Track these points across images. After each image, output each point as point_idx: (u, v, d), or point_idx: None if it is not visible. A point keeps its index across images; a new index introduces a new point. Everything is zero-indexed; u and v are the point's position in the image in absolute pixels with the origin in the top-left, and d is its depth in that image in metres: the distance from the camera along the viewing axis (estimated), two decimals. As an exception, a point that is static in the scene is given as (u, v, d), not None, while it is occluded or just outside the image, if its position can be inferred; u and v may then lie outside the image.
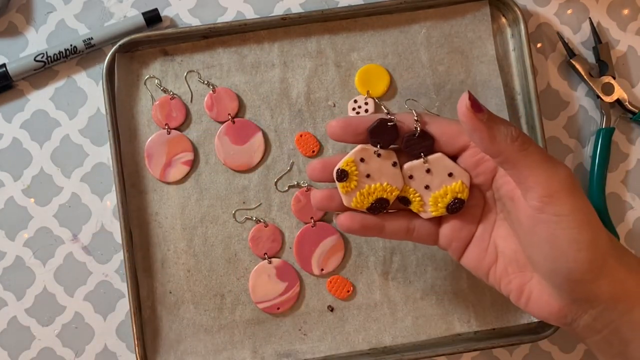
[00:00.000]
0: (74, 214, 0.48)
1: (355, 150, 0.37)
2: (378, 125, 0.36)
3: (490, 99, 0.47)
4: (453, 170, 0.37)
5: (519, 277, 0.36)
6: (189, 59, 0.47)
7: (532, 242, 0.35)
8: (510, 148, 0.33)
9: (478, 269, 0.38)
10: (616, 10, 0.49)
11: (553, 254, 0.33)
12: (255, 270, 0.46)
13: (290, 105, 0.47)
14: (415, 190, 0.37)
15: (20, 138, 0.48)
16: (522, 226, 0.35)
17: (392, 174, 0.37)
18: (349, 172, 0.37)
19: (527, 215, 0.34)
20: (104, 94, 0.46)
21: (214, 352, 0.46)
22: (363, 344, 0.47)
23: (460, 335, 0.47)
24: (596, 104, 0.49)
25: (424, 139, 0.36)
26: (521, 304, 0.37)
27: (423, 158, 0.37)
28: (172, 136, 0.47)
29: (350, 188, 0.37)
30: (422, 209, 0.38)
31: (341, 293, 0.47)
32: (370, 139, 0.37)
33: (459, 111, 0.33)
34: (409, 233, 0.38)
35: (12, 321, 0.47)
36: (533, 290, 0.36)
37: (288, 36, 0.48)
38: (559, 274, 0.34)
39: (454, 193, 0.37)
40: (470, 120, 0.33)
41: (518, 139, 0.33)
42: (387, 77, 0.47)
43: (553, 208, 0.32)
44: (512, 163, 0.33)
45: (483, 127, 0.33)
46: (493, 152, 0.33)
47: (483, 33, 0.48)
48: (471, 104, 0.32)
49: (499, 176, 0.36)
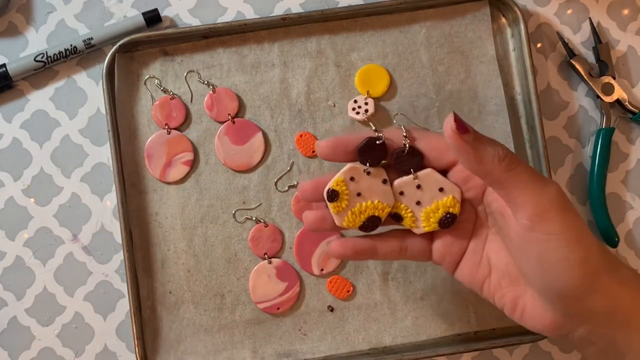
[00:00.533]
0: (74, 214, 0.48)
1: (345, 169, 0.37)
2: (366, 144, 0.36)
3: (490, 99, 0.47)
4: (444, 185, 0.36)
5: (513, 290, 0.36)
6: (189, 59, 0.47)
7: (523, 259, 0.35)
8: (497, 168, 0.32)
9: (472, 283, 0.38)
10: (616, 10, 0.49)
11: (544, 271, 0.33)
12: (255, 270, 0.46)
13: (290, 105, 0.47)
14: (406, 206, 0.37)
15: (20, 138, 0.48)
16: (513, 243, 0.35)
17: (382, 191, 0.37)
18: (340, 191, 0.37)
19: (518, 233, 0.33)
20: (104, 94, 0.46)
21: (214, 352, 0.46)
22: (363, 344, 0.47)
23: (460, 335, 0.47)
24: (596, 104, 0.49)
25: (413, 155, 0.36)
26: (515, 316, 0.36)
27: (413, 174, 0.36)
28: (172, 136, 0.47)
29: (342, 208, 0.37)
30: (415, 225, 0.37)
31: (341, 293, 0.47)
32: (359, 158, 0.36)
33: (445, 132, 0.33)
34: (402, 252, 0.38)
35: (12, 321, 0.47)
36: (527, 303, 0.36)
37: (288, 36, 0.48)
38: (551, 290, 0.34)
39: (446, 208, 0.36)
40: (456, 141, 0.32)
41: (505, 159, 0.32)
42: (387, 77, 0.47)
43: (543, 227, 0.32)
44: (500, 183, 0.33)
45: (469, 149, 0.32)
46: (480, 172, 0.33)
47: (483, 33, 0.48)
48: (457, 125, 0.32)
49: (489, 192, 0.36)
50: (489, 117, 0.47)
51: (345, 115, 0.47)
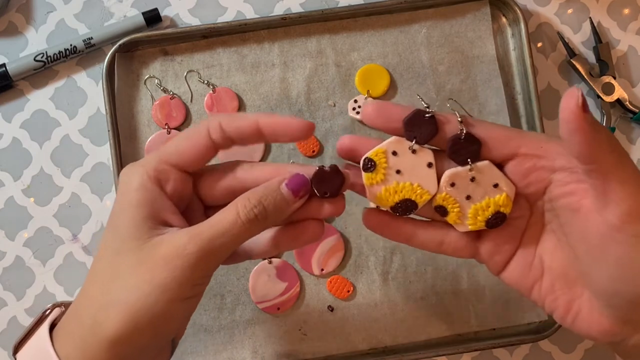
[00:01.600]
0: (74, 214, 0.48)
1: (389, 141, 0.33)
2: (414, 116, 0.32)
3: (490, 99, 0.47)
4: (499, 181, 0.33)
5: (568, 293, 0.34)
6: (189, 58, 0.47)
7: (597, 260, 0.32)
8: (609, 157, 0.29)
9: (520, 285, 0.35)
10: (616, 10, 0.49)
11: (621, 276, 0.31)
12: (255, 270, 0.46)
13: (290, 105, 0.47)
14: (455, 199, 0.33)
15: (20, 138, 0.48)
16: (587, 241, 0.32)
17: (425, 176, 0.33)
18: (377, 163, 0.33)
19: (598, 231, 0.31)
20: (104, 93, 0.46)
21: (214, 352, 0.46)
22: (363, 344, 0.47)
23: (460, 335, 0.47)
24: (596, 103, 0.49)
25: (471, 143, 0.32)
26: (567, 321, 0.34)
27: (470, 165, 0.32)
28: (172, 136, 0.47)
29: (376, 181, 0.33)
30: (460, 221, 0.34)
31: (341, 293, 0.47)
32: (405, 132, 0.32)
33: (566, 108, 0.29)
34: (440, 246, 0.35)
35: (12, 321, 0.47)
36: (582, 307, 0.34)
37: (288, 36, 0.48)
38: (622, 296, 0.31)
39: (497, 206, 0.33)
40: (578, 119, 0.28)
41: (616, 150, 0.30)
42: (387, 77, 0.47)
43: (633, 227, 0.30)
44: (604, 173, 0.30)
45: (588, 129, 0.29)
46: (589, 158, 0.30)
47: (483, 33, 0.48)
48: (582, 101, 0.28)
49: (555, 186, 0.33)
50: (489, 117, 0.47)
51: (345, 115, 0.47)
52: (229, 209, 0.31)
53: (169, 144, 0.33)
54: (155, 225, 0.32)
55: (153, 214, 0.32)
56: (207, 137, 0.33)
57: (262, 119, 0.33)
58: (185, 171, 0.33)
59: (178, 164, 0.33)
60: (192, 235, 0.31)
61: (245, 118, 0.33)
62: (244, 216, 0.31)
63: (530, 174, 0.33)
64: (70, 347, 0.32)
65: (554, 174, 0.33)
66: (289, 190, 0.32)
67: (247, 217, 0.31)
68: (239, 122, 0.33)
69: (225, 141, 0.34)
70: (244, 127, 0.33)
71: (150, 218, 0.32)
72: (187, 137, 0.33)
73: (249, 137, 0.34)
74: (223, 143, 0.34)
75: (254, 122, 0.33)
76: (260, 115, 0.33)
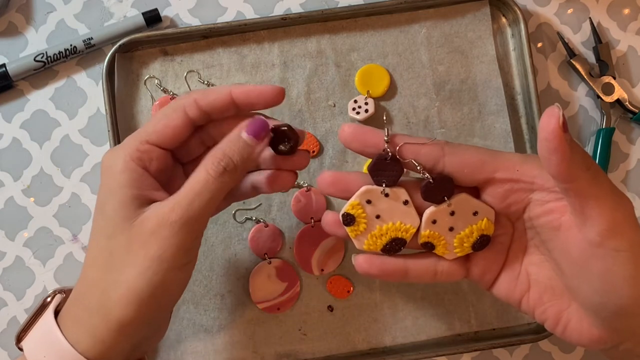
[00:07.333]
0: (74, 214, 0.48)
1: (359, 192, 0.34)
2: (376, 162, 0.33)
3: (490, 99, 0.47)
4: (477, 209, 0.34)
5: (556, 304, 0.35)
6: (189, 59, 0.47)
7: (580, 275, 0.33)
8: (585, 176, 0.30)
9: (510, 298, 0.36)
10: (616, 10, 0.49)
11: (605, 289, 0.32)
12: (255, 270, 0.46)
13: (290, 105, 0.47)
14: (439, 234, 0.35)
15: (20, 138, 0.48)
16: (570, 257, 0.33)
17: (404, 213, 0.34)
18: (356, 215, 0.34)
19: (579, 247, 0.32)
20: (104, 94, 0.46)
21: (214, 352, 0.46)
22: (363, 344, 0.47)
23: (460, 335, 0.47)
24: (596, 104, 0.49)
25: (444, 182, 0.33)
26: (557, 331, 0.35)
27: (447, 202, 0.34)
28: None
29: (360, 231, 0.35)
30: (447, 251, 0.35)
31: (341, 293, 0.47)
32: (372, 179, 0.34)
33: (546, 127, 0.29)
34: (435, 275, 0.36)
35: (12, 321, 0.47)
36: (572, 318, 0.34)
37: (288, 36, 0.48)
38: (607, 308, 0.32)
39: (480, 231, 0.34)
40: (558, 138, 0.29)
41: (591, 168, 0.30)
42: (387, 77, 0.47)
43: (613, 242, 0.30)
44: (580, 191, 0.30)
45: (567, 149, 0.29)
46: (566, 177, 0.30)
47: (483, 33, 0.48)
48: (562, 121, 0.29)
49: (534, 205, 0.34)
50: (489, 117, 0.47)
51: (345, 115, 0.47)
52: (198, 170, 0.33)
53: (147, 124, 0.34)
54: (142, 203, 0.33)
55: (139, 194, 0.33)
56: (183, 115, 0.34)
57: (235, 89, 0.34)
58: (165, 148, 0.34)
59: (158, 142, 0.34)
60: (172, 204, 0.32)
61: (219, 91, 0.34)
62: (214, 172, 0.32)
63: (509, 196, 0.34)
64: (79, 332, 0.33)
65: (532, 194, 0.34)
66: (249, 135, 0.33)
67: (216, 172, 0.32)
68: (212, 95, 0.34)
69: (201, 116, 0.34)
70: (218, 100, 0.34)
71: (136, 198, 0.32)
72: (165, 116, 0.34)
73: (225, 110, 0.34)
74: (200, 119, 0.34)
75: (227, 94, 0.34)
76: (233, 86, 0.34)
